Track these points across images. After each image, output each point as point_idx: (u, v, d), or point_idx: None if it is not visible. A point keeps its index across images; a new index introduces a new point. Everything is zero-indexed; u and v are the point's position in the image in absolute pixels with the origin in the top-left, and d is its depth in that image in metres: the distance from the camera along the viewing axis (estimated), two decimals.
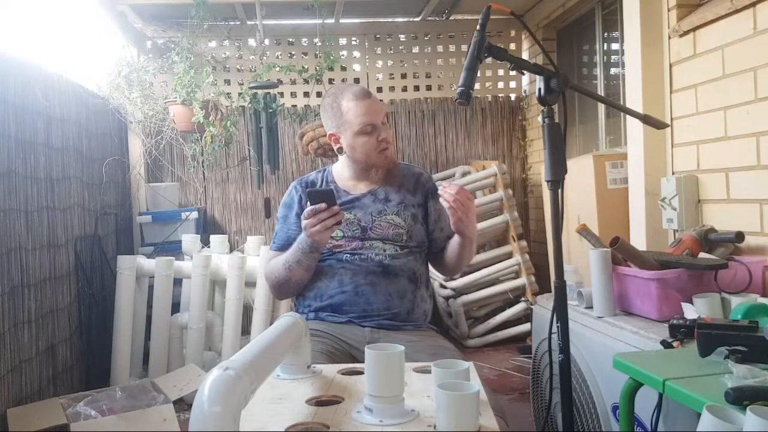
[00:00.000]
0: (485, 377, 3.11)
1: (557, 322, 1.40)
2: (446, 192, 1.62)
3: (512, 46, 4.72)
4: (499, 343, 3.84)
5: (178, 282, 3.30)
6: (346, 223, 1.75)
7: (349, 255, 1.74)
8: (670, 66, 2.48)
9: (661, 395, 1.35)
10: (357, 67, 4.71)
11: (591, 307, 1.92)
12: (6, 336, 2.26)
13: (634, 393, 1.38)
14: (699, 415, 1.06)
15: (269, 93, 3.66)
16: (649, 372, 1.30)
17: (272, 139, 3.69)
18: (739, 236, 2.01)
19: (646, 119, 1.60)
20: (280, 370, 1.27)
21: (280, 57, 4.59)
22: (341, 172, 1.87)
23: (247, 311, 3.31)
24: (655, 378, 1.27)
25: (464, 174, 4.20)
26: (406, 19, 4.69)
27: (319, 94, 4.34)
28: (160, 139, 3.94)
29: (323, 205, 1.57)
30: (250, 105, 3.71)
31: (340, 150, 1.82)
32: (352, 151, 1.79)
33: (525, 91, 4.73)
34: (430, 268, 1.91)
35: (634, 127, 2.61)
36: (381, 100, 1.82)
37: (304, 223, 1.60)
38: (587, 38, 4.05)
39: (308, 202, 1.62)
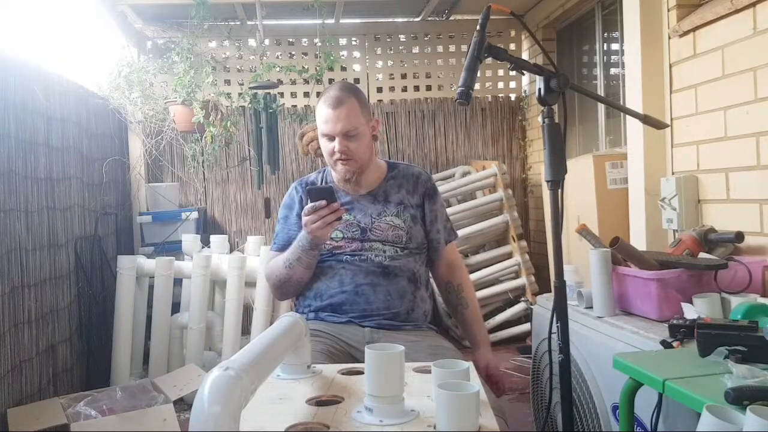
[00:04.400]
0: None
1: (557, 322, 1.39)
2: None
3: (512, 46, 4.72)
4: (499, 343, 3.83)
5: (178, 282, 3.30)
6: (346, 225, 1.75)
7: (349, 256, 1.74)
8: (670, 66, 2.48)
9: (661, 395, 1.35)
10: (357, 67, 4.71)
11: (591, 307, 1.92)
12: (6, 336, 2.26)
13: (634, 393, 1.38)
14: (699, 415, 1.06)
15: (269, 93, 3.66)
16: (648, 372, 1.30)
17: (272, 139, 3.69)
18: (739, 236, 2.01)
19: (645, 119, 1.60)
20: (280, 370, 1.26)
21: (280, 57, 4.59)
22: None
23: (247, 311, 3.31)
24: (654, 378, 1.27)
25: (464, 174, 4.20)
26: (406, 19, 4.69)
27: (319, 95, 4.33)
28: (160, 139, 3.94)
29: (323, 202, 1.57)
30: (250, 105, 3.71)
31: None
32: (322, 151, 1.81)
33: (525, 91, 4.73)
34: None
35: (634, 127, 2.61)
36: (364, 106, 1.77)
37: (304, 219, 1.60)
38: (587, 38, 4.05)
39: (308, 200, 1.62)
